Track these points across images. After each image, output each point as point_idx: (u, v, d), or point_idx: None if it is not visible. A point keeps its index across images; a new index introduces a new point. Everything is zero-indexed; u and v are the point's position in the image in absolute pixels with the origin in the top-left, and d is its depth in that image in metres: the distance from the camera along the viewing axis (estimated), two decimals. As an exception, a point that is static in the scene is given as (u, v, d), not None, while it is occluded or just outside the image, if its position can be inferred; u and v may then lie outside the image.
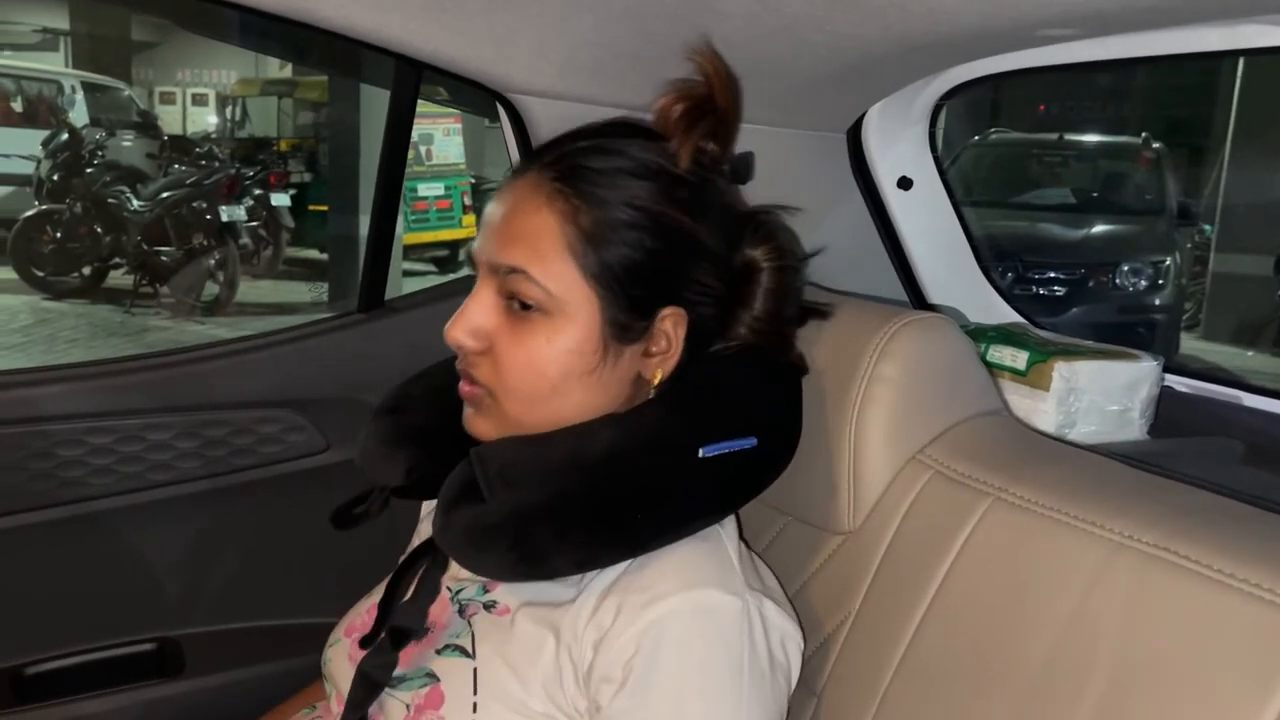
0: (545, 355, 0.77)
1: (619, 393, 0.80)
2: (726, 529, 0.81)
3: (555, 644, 0.76)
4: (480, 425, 0.82)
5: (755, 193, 0.92)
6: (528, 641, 0.77)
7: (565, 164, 0.78)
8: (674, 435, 0.78)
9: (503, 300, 0.78)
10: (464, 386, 0.81)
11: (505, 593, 0.81)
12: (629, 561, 0.76)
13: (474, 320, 0.79)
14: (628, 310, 0.78)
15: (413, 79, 1.26)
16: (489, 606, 0.81)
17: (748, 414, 0.82)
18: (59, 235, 7.28)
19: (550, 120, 1.22)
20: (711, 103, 0.82)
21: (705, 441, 0.78)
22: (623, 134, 0.82)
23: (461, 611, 0.82)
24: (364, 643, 0.81)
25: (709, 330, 0.83)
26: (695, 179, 0.80)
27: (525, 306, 0.77)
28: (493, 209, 0.81)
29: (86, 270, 7.42)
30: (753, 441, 0.80)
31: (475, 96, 1.25)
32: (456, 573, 0.86)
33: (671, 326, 0.80)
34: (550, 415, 0.78)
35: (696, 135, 0.80)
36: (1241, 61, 6.95)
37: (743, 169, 0.88)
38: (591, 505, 0.75)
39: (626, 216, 0.77)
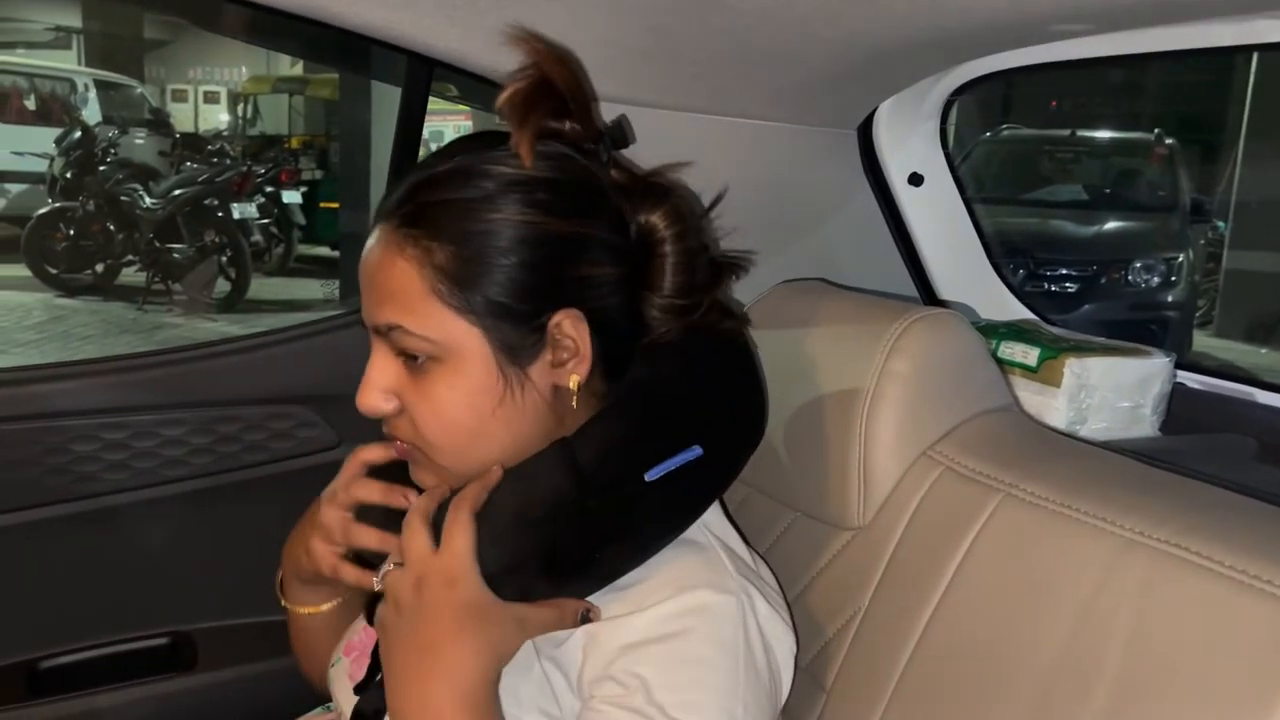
0: (451, 402, 0.75)
1: (543, 411, 0.77)
2: (708, 519, 0.80)
3: (539, 656, 0.76)
4: (422, 477, 0.80)
5: (766, 189, 0.92)
6: (517, 659, 0.76)
7: (409, 207, 0.75)
8: (618, 465, 0.75)
9: (399, 357, 0.77)
10: (397, 445, 0.80)
11: None
12: None
13: (377, 384, 0.77)
14: (513, 331, 0.74)
15: (424, 75, 1.26)
16: None
17: (696, 417, 0.79)
18: (72, 233, 7.32)
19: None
20: (547, 84, 0.76)
21: (653, 460, 0.75)
22: (467, 150, 0.77)
23: None
24: (359, 689, 0.81)
25: (620, 318, 0.79)
26: (555, 174, 0.75)
27: (417, 358, 0.75)
28: (360, 268, 0.78)
29: (99, 267, 7.45)
30: (697, 451, 0.77)
31: (486, 93, 1.26)
32: None
33: (571, 329, 0.75)
34: (483, 457, 0.76)
35: (533, 125, 0.75)
36: (1255, 57, 6.91)
37: (619, 135, 0.82)
38: (548, 560, 0.74)
39: (482, 242, 0.73)
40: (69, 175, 7.72)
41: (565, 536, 0.74)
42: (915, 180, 1.43)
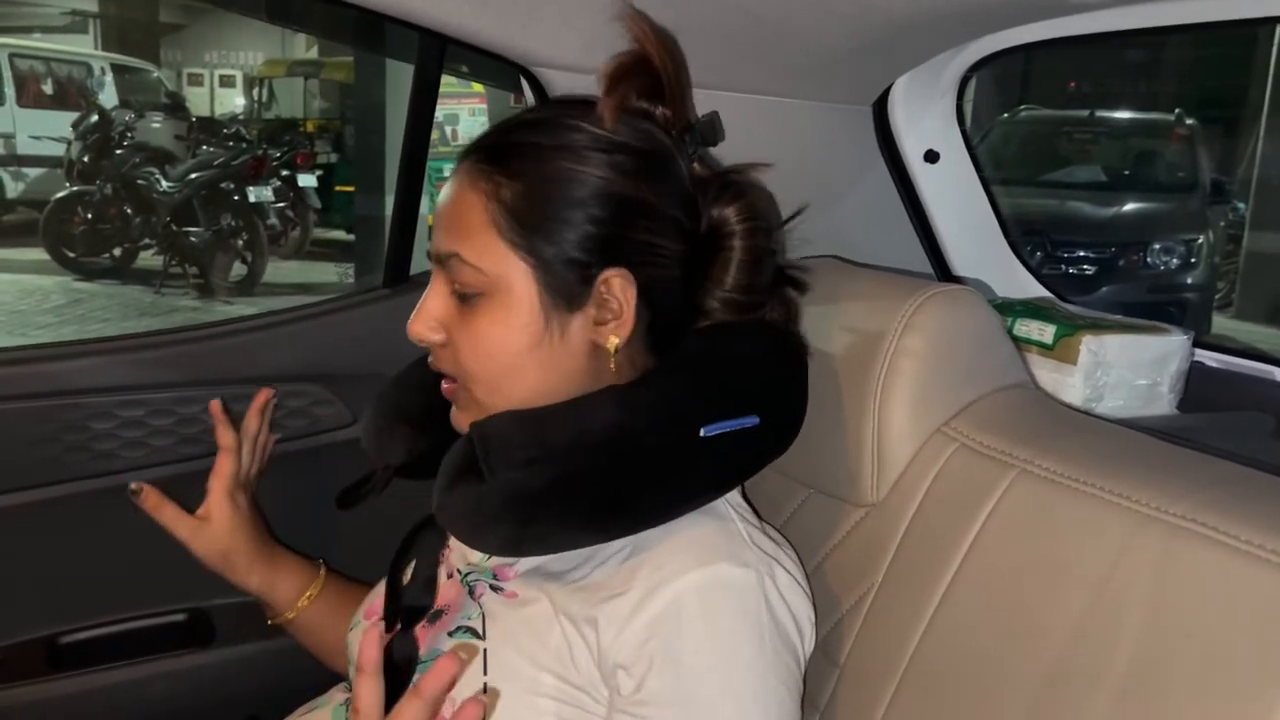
0: (493, 337, 0.78)
1: (577, 365, 0.79)
2: (730, 498, 0.81)
3: (559, 620, 0.76)
4: (461, 419, 0.83)
5: (779, 165, 0.91)
6: (536, 622, 0.77)
7: (489, 144, 0.80)
8: (677, 414, 0.77)
9: (453, 292, 0.80)
10: (444, 384, 0.83)
11: (513, 579, 0.82)
12: (634, 538, 0.76)
13: (429, 313, 0.81)
14: (563, 275, 0.77)
15: (437, 52, 1.26)
16: (496, 589, 0.82)
17: (752, 390, 0.81)
18: (89, 216, 7.36)
19: (574, 93, 1.22)
20: (645, 63, 0.81)
21: (708, 419, 0.77)
22: (557, 107, 0.83)
23: (471, 593, 0.83)
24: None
25: (673, 294, 0.81)
26: (633, 140, 0.79)
27: (469, 295, 0.78)
28: (437, 202, 0.82)
29: (117, 251, 7.50)
30: (754, 420, 0.79)
31: (499, 70, 1.25)
32: (467, 555, 0.86)
33: (619, 290, 0.78)
34: (513, 397, 0.78)
35: (620, 93, 0.80)
36: (1277, 32, 6.82)
37: (709, 132, 0.86)
38: (593, 486, 0.75)
39: (550, 187, 0.77)
40: (86, 159, 7.75)
41: (616, 465, 0.75)
42: (931, 157, 1.42)
